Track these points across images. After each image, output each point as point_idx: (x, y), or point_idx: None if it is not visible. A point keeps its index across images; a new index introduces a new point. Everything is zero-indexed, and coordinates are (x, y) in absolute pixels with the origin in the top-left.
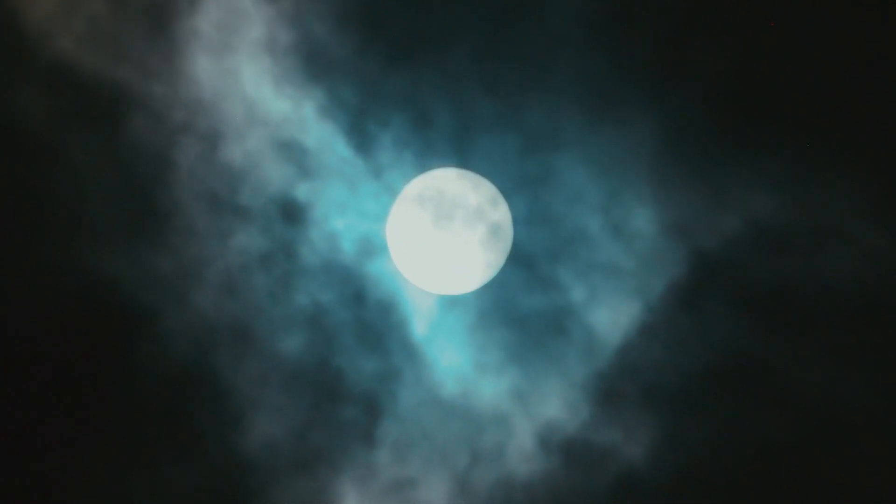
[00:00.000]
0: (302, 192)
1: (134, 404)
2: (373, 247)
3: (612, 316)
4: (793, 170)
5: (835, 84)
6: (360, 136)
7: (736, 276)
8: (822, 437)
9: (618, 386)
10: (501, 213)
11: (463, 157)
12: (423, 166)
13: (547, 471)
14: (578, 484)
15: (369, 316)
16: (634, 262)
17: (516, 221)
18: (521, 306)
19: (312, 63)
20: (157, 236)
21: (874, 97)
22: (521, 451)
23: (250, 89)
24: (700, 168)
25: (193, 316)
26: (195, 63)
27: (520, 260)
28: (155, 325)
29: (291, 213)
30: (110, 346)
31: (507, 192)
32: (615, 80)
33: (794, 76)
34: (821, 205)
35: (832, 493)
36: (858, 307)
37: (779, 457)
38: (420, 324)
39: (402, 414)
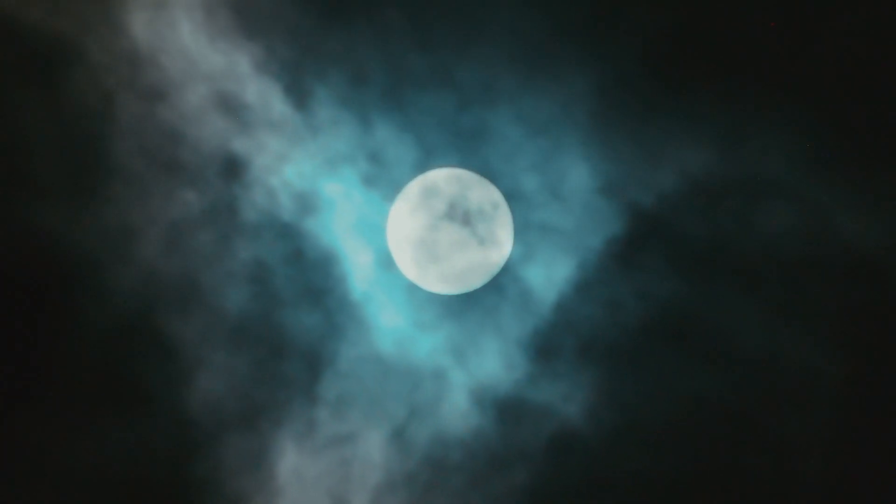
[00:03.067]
0: (241, 147)
1: (77, 360)
2: (311, 203)
3: (548, 273)
4: (727, 125)
5: (767, 40)
6: (298, 93)
7: (672, 232)
8: (760, 391)
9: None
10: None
11: (403, 114)
12: (361, 123)
13: (483, 426)
14: (514, 439)
15: (309, 273)
16: (570, 219)
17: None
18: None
19: (248, 18)
20: (98, 192)
21: (807, 52)
22: (458, 408)
23: (187, 44)
24: (635, 125)
25: (136, 272)
26: (132, 17)
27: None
28: (97, 281)
29: (231, 168)
30: (54, 301)
31: (444, 153)
32: (550, 37)
33: (728, 32)
34: (755, 159)
35: (770, 447)
36: (794, 260)
37: (717, 412)
38: (359, 280)
39: (342, 370)
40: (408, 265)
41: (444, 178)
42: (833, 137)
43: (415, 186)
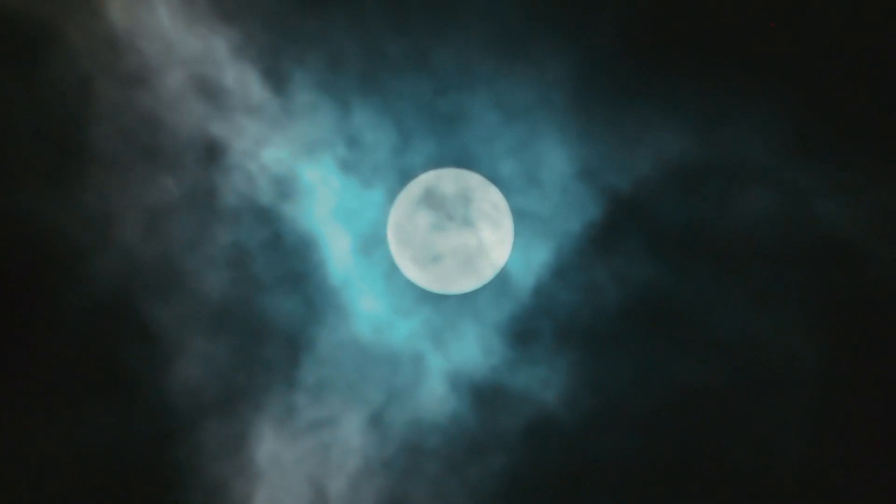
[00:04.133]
0: (219, 132)
1: (56, 345)
2: (289, 188)
3: (526, 258)
4: (705, 110)
5: (745, 23)
6: (276, 77)
7: (650, 217)
8: (738, 376)
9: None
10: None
11: (381, 99)
12: (339, 108)
13: (461, 411)
14: (492, 424)
15: (288, 258)
16: (548, 204)
17: (430, 166)
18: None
19: (225, 3)
20: (77, 177)
21: (786, 37)
22: (436, 393)
23: (165, 29)
24: (613, 110)
25: (115, 257)
26: (110, 2)
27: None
28: (76, 266)
29: (210, 153)
30: (32, 286)
31: (422, 138)
32: (527, 22)
33: (705, 17)
34: (733, 144)
35: (749, 431)
36: (773, 245)
37: (695, 397)
38: (338, 265)
39: (321, 355)
40: (408, 266)
41: (448, 178)
42: (812, 122)
43: (417, 186)
